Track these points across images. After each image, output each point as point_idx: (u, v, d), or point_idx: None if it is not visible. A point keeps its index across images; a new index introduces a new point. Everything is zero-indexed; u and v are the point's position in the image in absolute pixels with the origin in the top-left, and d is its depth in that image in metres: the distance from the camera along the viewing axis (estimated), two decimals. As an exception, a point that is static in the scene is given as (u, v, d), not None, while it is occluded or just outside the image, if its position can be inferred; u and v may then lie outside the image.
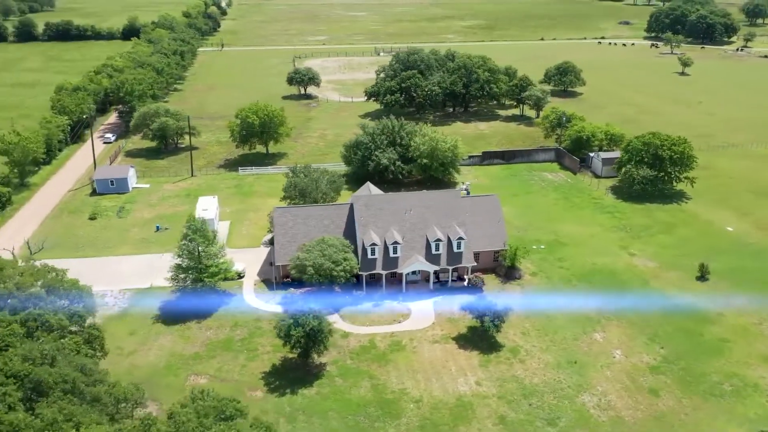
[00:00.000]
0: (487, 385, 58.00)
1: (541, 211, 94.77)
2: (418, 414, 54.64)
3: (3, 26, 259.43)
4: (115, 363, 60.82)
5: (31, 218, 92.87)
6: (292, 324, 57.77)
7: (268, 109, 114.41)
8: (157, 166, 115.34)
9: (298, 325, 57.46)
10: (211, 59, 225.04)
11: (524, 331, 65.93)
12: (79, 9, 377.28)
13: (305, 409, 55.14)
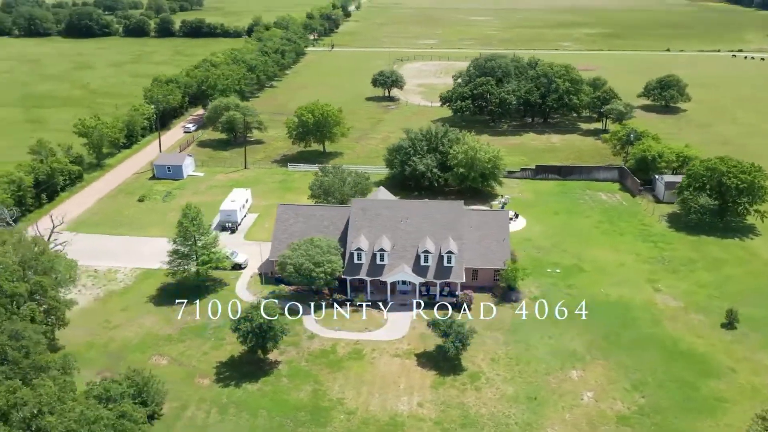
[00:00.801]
0: (429, 408, 55.19)
1: (575, 233, 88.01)
2: (345, 426, 53.29)
3: (147, 22, 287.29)
4: (96, 334, 65.78)
5: (92, 195, 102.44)
6: (243, 318, 58.89)
7: (324, 109, 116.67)
8: (220, 156, 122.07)
9: (247, 320, 58.44)
10: (317, 59, 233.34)
11: (494, 358, 61.79)
12: (223, 8, 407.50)
13: (240, 404, 55.92)
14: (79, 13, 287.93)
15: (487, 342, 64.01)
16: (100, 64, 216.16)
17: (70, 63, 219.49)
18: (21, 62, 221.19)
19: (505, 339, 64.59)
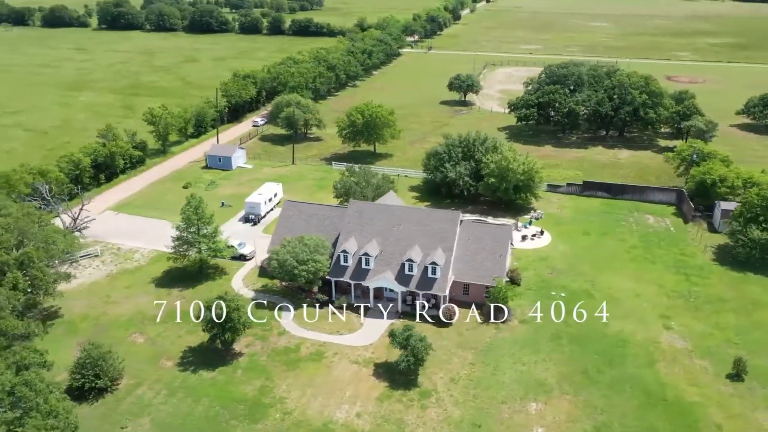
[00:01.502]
0: (365, 420, 53.73)
1: (599, 257, 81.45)
2: (275, 425, 53.31)
3: (260, 20, 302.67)
4: (95, 307, 70.60)
5: (147, 179, 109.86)
6: (206, 307, 60.58)
7: (374, 110, 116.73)
8: (275, 151, 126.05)
9: (208, 310, 60.07)
10: (410, 60, 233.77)
11: (454, 378, 58.85)
12: (341, 8, 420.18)
13: (189, 389, 57.67)
14: (201, 10, 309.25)
15: (453, 360, 61.17)
16: (205, 59, 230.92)
17: (180, 56, 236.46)
18: (140, 54, 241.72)
19: (473, 359, 61.32)
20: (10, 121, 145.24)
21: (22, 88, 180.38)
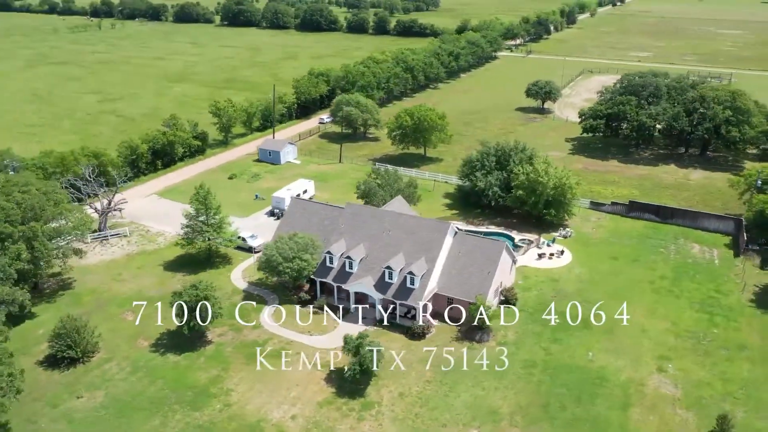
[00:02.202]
0: (298, 423, 53.35)
1: (618, 284, 74.73)
2: (211, 415, 54.41)
3: (366, 20, 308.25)
4: (104, 284, 75.79)
5: (200, 168, 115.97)
6: (177, 293, 62.97)
7: (423, 113, 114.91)
8: (330, 148, 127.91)
9: (177, 295, 62.42)
10: (503, 65, 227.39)
11: (403, 393, 56.78)
12: (456, 10, 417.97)
13: (149, 369, 60.29)
14: (312, 9, 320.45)
15: (411, 375, 59.02)
16: (304, 56, 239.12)
17: (282, 53, 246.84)
18: (246, 50, 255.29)
19: (432, 377, 58.76)
20: (108, 108, 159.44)
21: (132, 78, 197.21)
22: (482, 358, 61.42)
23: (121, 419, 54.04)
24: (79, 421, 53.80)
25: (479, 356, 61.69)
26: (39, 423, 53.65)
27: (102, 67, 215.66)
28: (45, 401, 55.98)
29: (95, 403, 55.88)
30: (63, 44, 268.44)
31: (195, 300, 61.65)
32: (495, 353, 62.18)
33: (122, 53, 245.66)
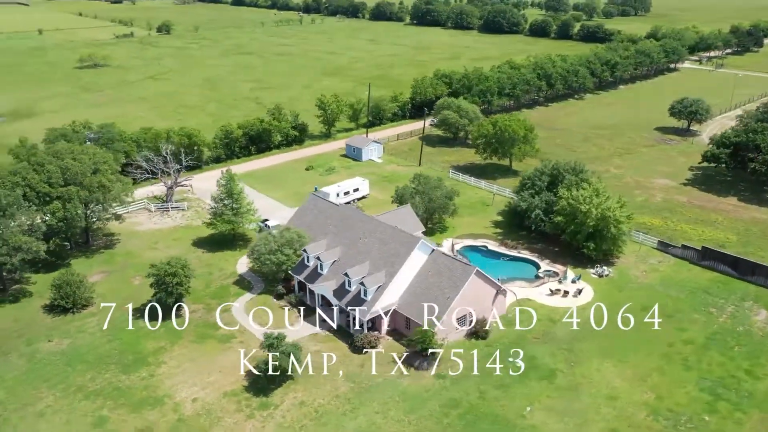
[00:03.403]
0: (194, 407, 55.03)
1: (623, 340, 63.68)
2: (132, 381, 58.39)
3: (549, 24, 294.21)
4: (140, 248, 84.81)
5: (289, 157, 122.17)
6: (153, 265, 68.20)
7: (507, 123, 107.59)
8: (425, 151, 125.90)
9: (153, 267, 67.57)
10: (680, 78, 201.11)
11: (305, 402, 55.39)
12: (670, 16, 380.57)
13: (117, 332, 66.23)
14: (495, 10, 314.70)
15: (325, 386, 57.21)
16: (465, 57, 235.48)
17: (446, 53, 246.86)
18: (414, 49, 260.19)
19: (343, 392, 56.26)
20: (254, 95, 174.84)
21: (295, 70, 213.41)
22: (408, 386, 57.28)
23: (66, 367, 60.67)
24: (36, 361, 61.61)
25: (406, 384, 57.61)
26: (10, 356, 62.69)
27: (277, 59, 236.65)
28: (25, 339, 65.09)
29: (57, 349, 63.44)
30: (260, 36, 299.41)
31: (164, 275, 66.63)
32: (424, 384, 57.51)
33: (305, 47, 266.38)
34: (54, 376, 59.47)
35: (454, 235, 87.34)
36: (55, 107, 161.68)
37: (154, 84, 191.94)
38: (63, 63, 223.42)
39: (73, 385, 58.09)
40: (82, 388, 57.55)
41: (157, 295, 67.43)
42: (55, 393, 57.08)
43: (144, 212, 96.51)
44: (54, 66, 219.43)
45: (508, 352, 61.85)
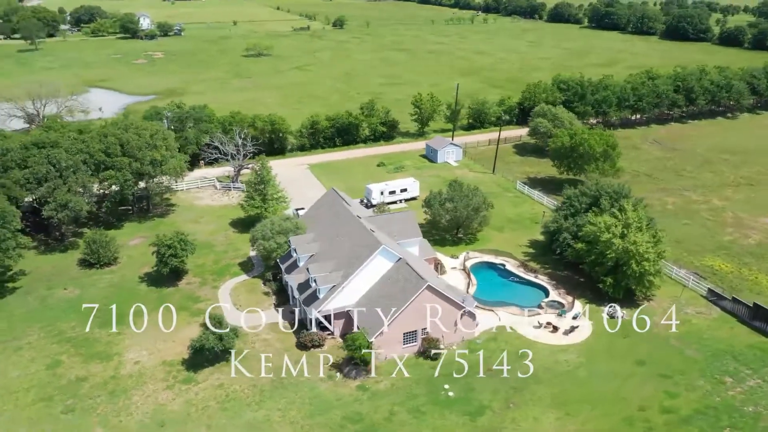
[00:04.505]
0: (134, 368, 59.04)
1: (583, 394, 55.14)
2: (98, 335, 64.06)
3: (743, 32, 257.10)
4: (185, 220, 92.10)
5: (371, 151, 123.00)
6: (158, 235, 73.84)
7: (583, 136, 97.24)
8: (510, 160, 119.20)
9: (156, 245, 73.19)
10: None
11: (222, 385, 56.46)
12: None
13: (116, 289, 73.01)
14: (680, 15, 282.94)
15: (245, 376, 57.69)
16: (622, 65, 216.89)
17: (603, 59, 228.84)
18: (568, 53, 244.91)
19: (255, 384, 56.38)
20: (378, 90, 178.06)
21: (433, 68, 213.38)
22: (323, 391, 55.68)
23: (61, 313, 68.26)
24: (45, 304, 70.40)
25: (323, 388, 56.06)
26: (29, 296, 72.55)
27: (424, 56, 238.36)
28: (49, 284, 74.71)
29: (66, 297, 71.96)
30: (423, 34, 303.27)
31: (162, 246, 72.12)
32: (339, 392, 55.46)
33: (458, 45, 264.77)
34: (48, 318, 67.62)
35: (478, 249, 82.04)
36: (203, 89, 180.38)
37: (298, 74, 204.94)
38: (233, 51, 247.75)
39: (56, 329, 65.66)
40: (60, 334, 64.83)
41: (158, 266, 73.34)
42: (40, 333, 65.05)
43: (211, 189, 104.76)
44: (225, 53, 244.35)
45: (449, 379, 57.18)
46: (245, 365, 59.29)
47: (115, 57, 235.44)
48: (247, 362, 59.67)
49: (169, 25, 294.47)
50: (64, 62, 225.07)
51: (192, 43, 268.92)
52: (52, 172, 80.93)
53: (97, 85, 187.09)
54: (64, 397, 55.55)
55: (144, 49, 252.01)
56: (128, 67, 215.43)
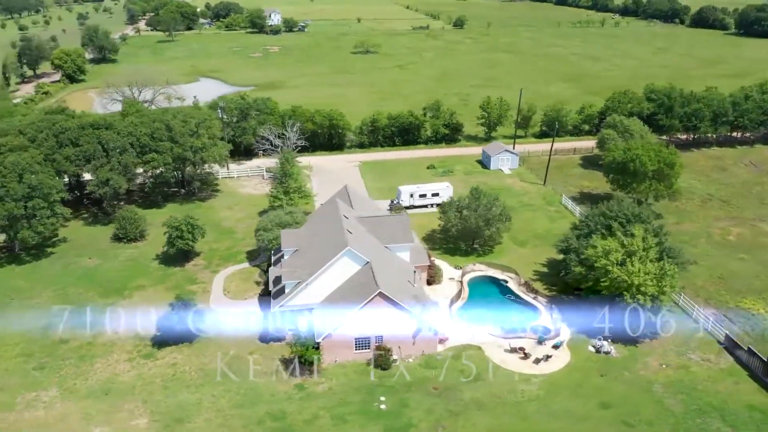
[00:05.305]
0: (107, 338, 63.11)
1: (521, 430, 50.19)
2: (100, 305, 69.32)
3: None
4: (222, 205, 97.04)
5: (428, 153, 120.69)
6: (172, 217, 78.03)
7: (636, 152, 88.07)
8: (571, 172, 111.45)
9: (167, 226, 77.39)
10: None
11: (175, 365, 58.71)
12: None
13: (132, 263, 78.51)
14: None
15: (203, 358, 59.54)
16: (753, 77, 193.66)
17: (731, 69, 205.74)
18: (697, 62, 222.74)
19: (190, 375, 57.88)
20: (466, 91, 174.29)
21: (534, 72, 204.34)
22: (260, 385, 55.98)
23: (76, 279, 74.77)
24: (67, 270, 77.54)
25: (260, 383, 56.34)
26: (59, 262, 79.92)
27: (532, 59, 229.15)
28: (79, 253, 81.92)
29: (87, 265, 78.52)
30: (542, 36, 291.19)
31: (173, 228, 76.29)
32: (274, 389, 55.54)
33: (574, 50, 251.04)
34: (63, 283, 74.28)
35: (488, 262, 77.81)
36: (301, 83, 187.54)
37: (395, 72, 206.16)
38: (345, 48, 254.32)
39: (65, 294, 71.99)
40: (65, 298, 71.04)
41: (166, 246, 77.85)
42: (51, 295, 71.78)
43: (258, 178, 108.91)
44: (337, 50, 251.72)
45: (389, 391, 55.06)
46: (204, 350, 61.37)
47: (235, 49, 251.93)
48: (204, 347, 61.69)
49: (294, 21, 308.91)
50: (189, 53, 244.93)
51: (310, 39, 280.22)
52: (99, 151, 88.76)
53: (208, 74, 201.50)
54: (42, 355, 61.00)
55: (264, 43, 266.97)
56: (243, 60, 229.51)
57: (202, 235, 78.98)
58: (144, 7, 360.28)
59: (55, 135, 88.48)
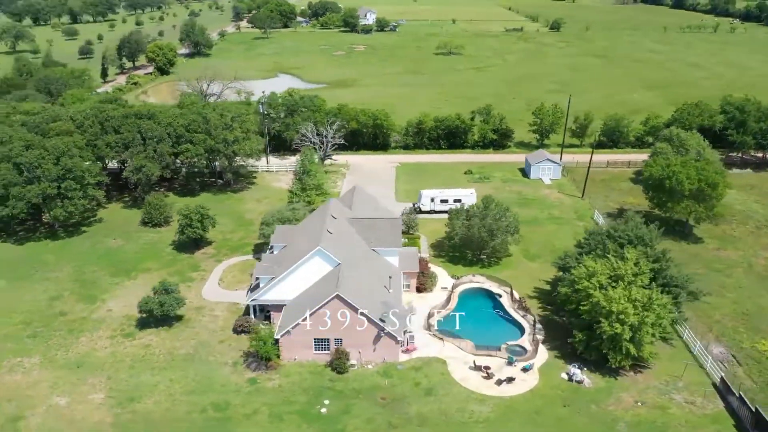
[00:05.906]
0: (97, 316, 67.11)
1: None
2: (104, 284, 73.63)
3: None
4: (251, 199, 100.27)
5: (473, 158, 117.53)
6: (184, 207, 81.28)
7: (675, 169, 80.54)
8: (618, 186, 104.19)
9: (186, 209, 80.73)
10: None
11: (149, 346, 61.31)
12: None
13: (147, 245, 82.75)
14: None
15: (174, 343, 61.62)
16: None
17: None
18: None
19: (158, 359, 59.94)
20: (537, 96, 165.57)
21: (618, 78, 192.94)
22: (212, 375, 57.14)
23: (97, 258, 79.97)
24: (92, 249, 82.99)
25: (214, 373, 57.48)
26: (88, 241, 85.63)
27: (623, 64, 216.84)
28: (107, 233, 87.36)
29: (110, 246, 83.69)
30: (643, 41, 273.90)
31: (183, 216, 79.61)
32: (226, 380, 56.52)
33: (673, 56, 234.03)
34: (82, 260, 79.70)
35: (489, 274, 74.58)
36: (372, 82, 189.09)
37: (471, 74, 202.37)
38: (430, 48, 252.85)
39: (80, 270, 77.28)
40: (80, 274, 76.19)
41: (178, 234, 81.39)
42: (68, 270, 77.33)
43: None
44: (420, 50, 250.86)
45: (336, 395, 54.32)
46: (179, 335, 63.60)
47: (322, 47, 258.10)
48: (180, 332, 63.90)
49: (386, 21, 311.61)
50: (279, 49, 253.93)
51: (398, 39, 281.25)
52: (138, 139, 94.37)
53: (288, 71, 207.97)
54: (39, 325, 65.92)
55: (352, 42, 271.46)
56: (326, 58, 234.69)
57: (213, 224, 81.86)
58: (249, 5, 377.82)
59: (100, 122, 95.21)
